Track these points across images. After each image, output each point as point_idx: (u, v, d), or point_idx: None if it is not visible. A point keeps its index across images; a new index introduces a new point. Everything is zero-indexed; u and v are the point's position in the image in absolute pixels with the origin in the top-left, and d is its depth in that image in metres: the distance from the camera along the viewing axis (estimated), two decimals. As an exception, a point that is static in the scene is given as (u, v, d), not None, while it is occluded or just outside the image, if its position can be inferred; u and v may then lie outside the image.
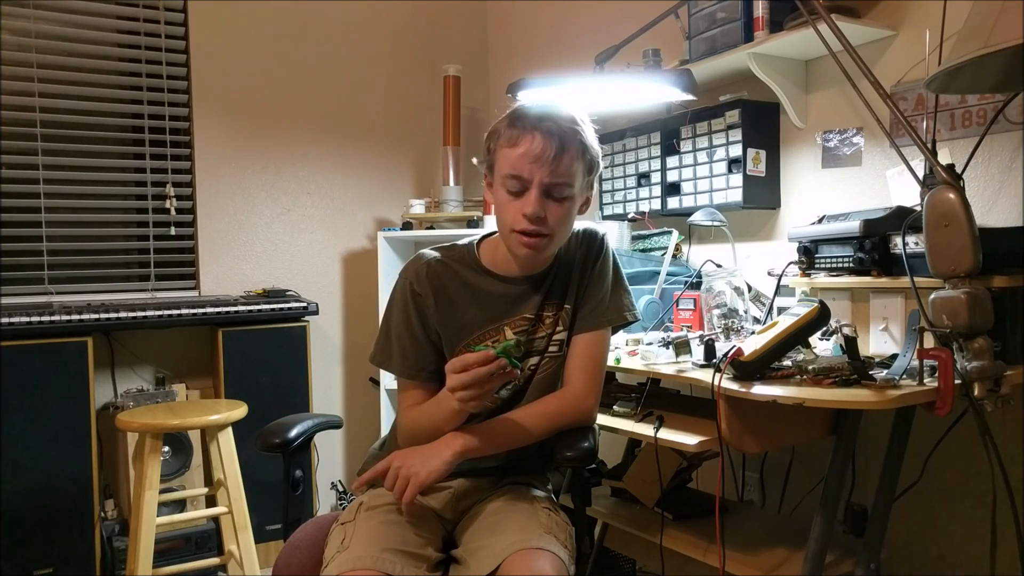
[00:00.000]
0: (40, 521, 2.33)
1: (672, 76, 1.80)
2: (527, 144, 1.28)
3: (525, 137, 1.29)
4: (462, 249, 1.45)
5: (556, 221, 1.32)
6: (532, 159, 1.28)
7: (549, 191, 1.30)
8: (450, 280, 1.41)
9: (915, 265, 1.41)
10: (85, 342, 2.41)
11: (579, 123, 1.33)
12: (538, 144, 1.28)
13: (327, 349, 3.18)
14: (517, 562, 1.19)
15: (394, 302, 1.43)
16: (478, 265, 1.43)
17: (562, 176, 1.30)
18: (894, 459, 1.46)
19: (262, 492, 2.51)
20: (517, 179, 1.30)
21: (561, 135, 1.29)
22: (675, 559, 1.71)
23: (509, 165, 1.30)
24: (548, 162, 1.28)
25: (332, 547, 1.28)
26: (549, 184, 1.29)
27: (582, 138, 1.33)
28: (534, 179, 1.29)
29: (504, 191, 1.32)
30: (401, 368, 1.42)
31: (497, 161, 1.34)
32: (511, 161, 1.30)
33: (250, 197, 3.03)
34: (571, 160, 1.30)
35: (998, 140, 1.64)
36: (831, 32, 1.44)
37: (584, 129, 1.34)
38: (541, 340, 1.43)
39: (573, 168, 1.31)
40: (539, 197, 1.29)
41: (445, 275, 1.41)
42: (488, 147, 1.37)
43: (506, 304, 1.41)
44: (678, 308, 1.97)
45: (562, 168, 1.29)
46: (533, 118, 1.30)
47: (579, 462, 1.38)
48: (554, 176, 1.29)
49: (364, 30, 3.24)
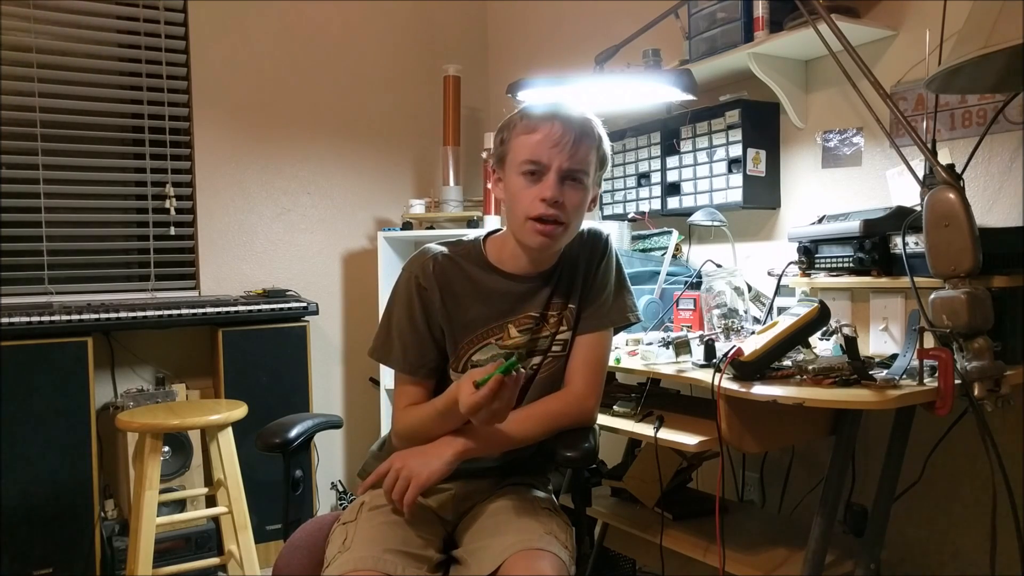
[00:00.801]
0: (40, 521, 2.33)
1: (672, 76, 1.81)
2: (547, 130, 1.30)
3: (544, 124, 1.31)
4: (468, 245, 1.44)
5: (572, 208, 1.33)
6: (552, 144, 1.30)
7: (567, 177, 1.31)
8: (456, 276, 1.40)
9: (915, 265, 1.41)
10: (85, 342, 2.41)
11: (593, 119, 1.37)
12: (558, 129, 1.30)
13: (327, 349, 3.18)
14: (518, 563, 1.19)
15: (397, 296, 1.41)
16: (484, 261, 1.42)
17: (580, 163, 1.32)
18: (894, 459, 1.47)
19: (262, 492, 2.51)
20: (535, 164, 1.31)
21: (580, 123, 1.32)
22: (675, 559, 1.71)
23: (527, 151, 1.31)
24: (568, 147, 1.30)
25: (333, 547, 1.28)
26: (568, 169, 1.31)
27: (598, 131, 1.36)
28: (553, 164, 1.30)
29: (520, 179, 1.33)
30: (401, 363, 1.40)
31: (512, 151, 1.34)
32: (529, 147, 1.31)
33: (250, 197, 3.03)
34: (588, 149, 1.33)
35: (998, 140, 1.64)
36: (831, 32, 1.44)
37: (599, 124, 1.37)
38: (545, 339, 1.43)
39: (589, 157, 1.34)
40: (557, 182, 1.30)
41: (451, 271, 1.40)
42: (500, 139, 1.37)
43: (511, 302, 1.41)
44: (678, 308, 1.97)
45: (580, 155, 1.31)
46: (551, 107, 1.34)
47: (579, 462, 1.38)
48: (572, 162, 1.31)
49: (364, 30, 3.24)
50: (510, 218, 1.37)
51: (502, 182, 1.38)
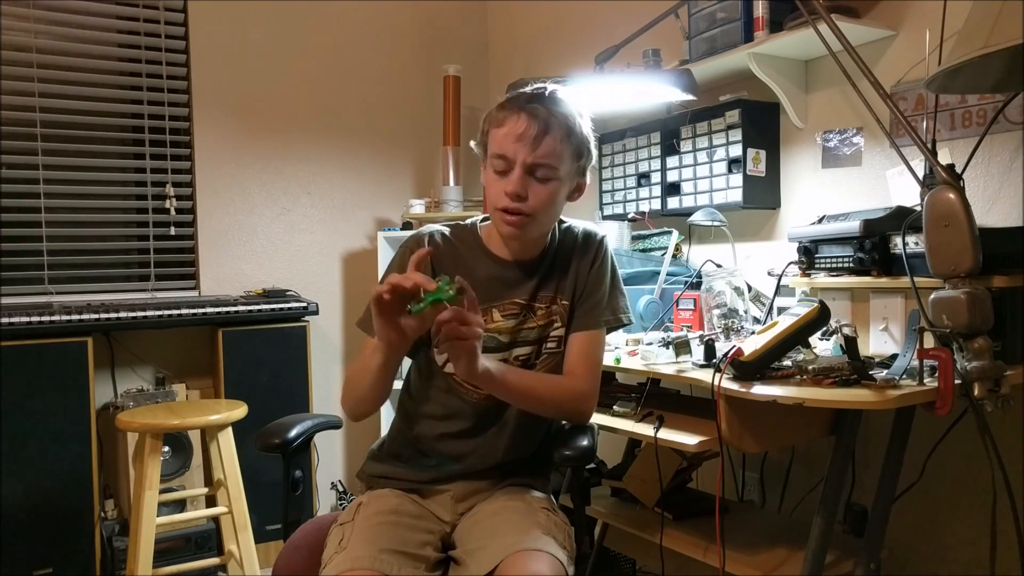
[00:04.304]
0: (40, 521, 2.33)
1: (672, 76, 1.81)
2: (512, 124, 1.31)
3: (511, 117, 1.31)
4: (465, 227, 1.48)
5: (538, 202, 1.33)
6: (516, 138, 1.30)
7: (532, 171, 1.32)
8: (447, 255, 1.43)
9: (915, 265, 1.41)
10: (85, 342, 2.41)
11: (568, 109, 1.35)
12: (522, 124, 1.30)
13: (327, 349, 3.18)
14: (514, 563, 1.19)
15: (391, 266, 1.43)
16: (478, 243, 1.45)
17: (544, 157, 1.31)
18: (894, 459, 1.46)
19: (262, 492, 2.51)
20: (503, 159, 1.32)
21: (547, 117, 1.31)
22: (675, 559, 1.71)
23: (496, 144, 1.33)
24: (530, 141, 1.30)
25: (330, 547, 1.28)
26: (531, 164, 1.31)
27: (569, 122, 1.34)
28: (517, 158, 1.31)
29: (492, 171, 1.35)
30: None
31: (489, 143, 1.36)
32: (498, 141, 1.33)
33: (250, 197, 3.03)
34: (554, 141, 1.31)
35: (998, 140, 1.64)
36: (831, 32, 1.44)
37: (572, 114, 1.35)
38: (531, 331, 1.43)
39: (557, 150, 1.32)
40: (521, 176, 1.31)
41: (445, 249, 1.43)
42: (481, 131, 1.39)
43: (497, 287, 1.42)
44: (678, 308, 1.97)
45: (544, 149, 1.31)
46: (522, 99, 1.33)
47: (578, 461, 1.38)
48: (536, 156, 1.30)
49: (364, 30, 3.24)
50: (487, 207, 1.41)
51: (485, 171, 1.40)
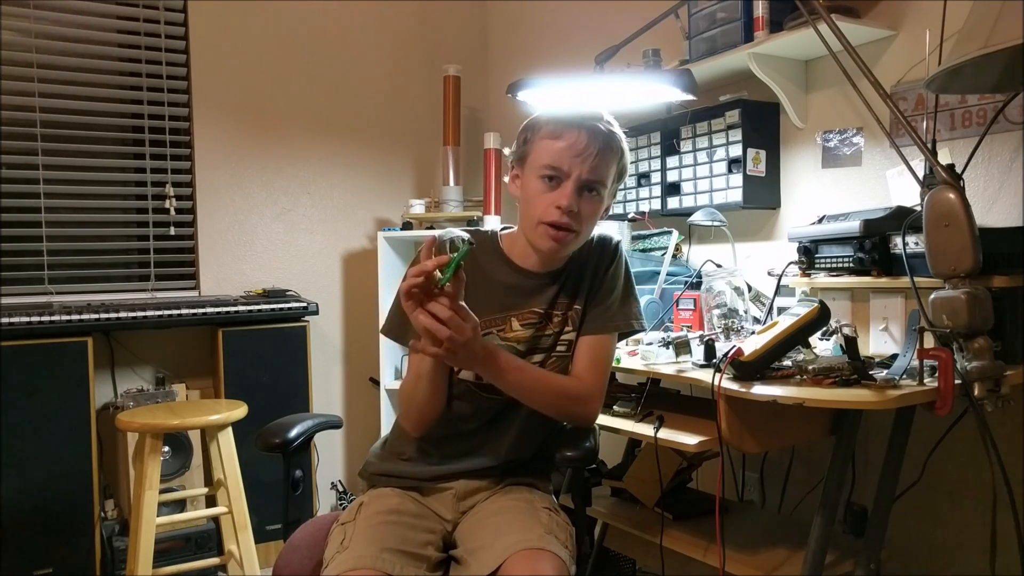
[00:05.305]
0: (40, 521, 2.33)
1: (672, 76, 1.80)
2: (572, 138, 1.32)
3: (570, 131, 1.32)
4: (485, 234, 1.48)
5: (586, 218, 1.35)
6: (575, 153, 1.31)
7: (584, 187, 1.33)
8: (469, 262, 1.41)
9: (915, 265, 1.41)
10: (85, 342, 2.41)
11: (620, 132, 1.38)
12: (583, 140, 1.32)
13: (327, 349, 3.18)
14: (518, 562, 1.19)
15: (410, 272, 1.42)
16: (498, 252, 1.45)
17: (599, 175, 1.34)
18: (894, 459, 1.46)
19: (262, 492, 2.51)
20: (555, 170, 1.32)
21: (605, 136, 1.34)
22: (675, 559, 1.71)
23: (549, 156, 1.33)
24: (590, 158, 1.32)
25: (332, 547, 1.28)
26: (586, 180, 1.33)
27: (621, 145, 1.38)
28: (572, 173, 1.32)
29: (539, 182, 1.34)
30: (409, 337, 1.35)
31: (533, 152, 1.36)
32: (552, 153, 1.32)
33: (250, 197, 3.03)
34: (609, 163, 1.35)
35: (998, 140, 1.64)
36: (831, 32, 1.44)
37: (622, 138, 1.39)
38: (548, 338, 1.43)
39: (609, 170, 1.36)
40: (574, 191, 1.32)
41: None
42: (524, 138, 1.39)
43: (516, 296, 1.42)
44: (678, 308, 1.97)
45: (600, 167, 1.33)
46: (579, 115, 1.35)
47: (580, 462, 1.38)
48: (592, 173, 1.32)
49: (364, 30, 3.24)
50: (524, 218, 1.39)
51: (519, 180, 1.40)
